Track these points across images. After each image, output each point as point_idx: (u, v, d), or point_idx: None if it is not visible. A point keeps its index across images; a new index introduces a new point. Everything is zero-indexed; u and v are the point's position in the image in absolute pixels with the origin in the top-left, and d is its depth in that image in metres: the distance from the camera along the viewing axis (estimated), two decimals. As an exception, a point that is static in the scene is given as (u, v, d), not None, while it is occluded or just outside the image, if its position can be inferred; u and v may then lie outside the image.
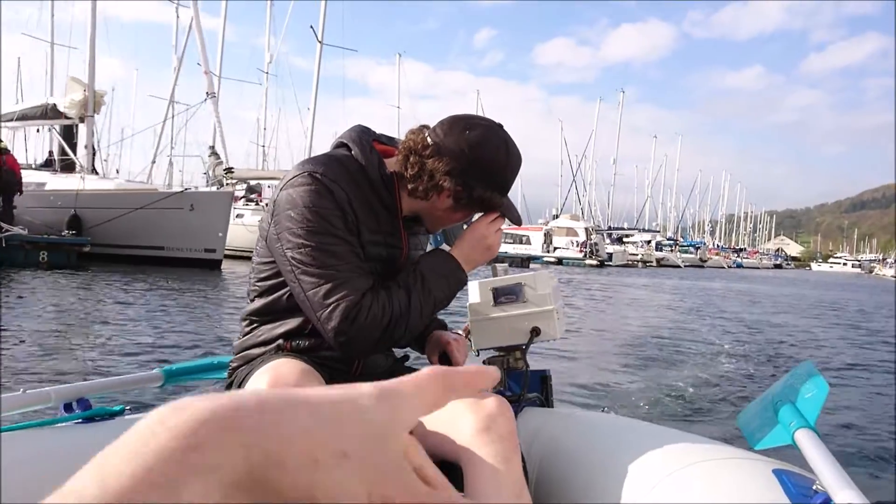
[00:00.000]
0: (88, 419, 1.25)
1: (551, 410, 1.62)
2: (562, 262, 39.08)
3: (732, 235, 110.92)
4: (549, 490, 1.28)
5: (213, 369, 1.63)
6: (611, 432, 1.34)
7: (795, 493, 0.91)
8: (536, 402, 1.65)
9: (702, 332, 8.81)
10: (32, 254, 13.76)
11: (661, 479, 1.05)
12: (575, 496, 1.22)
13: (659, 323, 9.73)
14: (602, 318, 10.48)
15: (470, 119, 1.29)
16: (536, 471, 1.33)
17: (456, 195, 1.27)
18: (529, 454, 1.32)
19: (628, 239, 55.00)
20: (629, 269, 40.88)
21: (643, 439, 1.22)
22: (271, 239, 1.23)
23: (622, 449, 1.21)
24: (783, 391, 1.12)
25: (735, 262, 70.55)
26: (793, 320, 11.58)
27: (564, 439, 1.37)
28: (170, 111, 21.98)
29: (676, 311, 12.10)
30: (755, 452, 1.09)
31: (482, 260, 1.37)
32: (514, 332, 1.56)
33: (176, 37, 29.27)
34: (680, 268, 48.92)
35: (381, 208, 1.29)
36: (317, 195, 1.18)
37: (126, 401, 1.85)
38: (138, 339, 5.69)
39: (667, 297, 16.04)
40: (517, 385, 1.61)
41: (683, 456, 1.09)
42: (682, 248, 63.33)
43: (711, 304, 14.51)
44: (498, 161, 1.28)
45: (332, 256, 1.17)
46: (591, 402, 4.25)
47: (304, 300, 1.19)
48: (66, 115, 18.50)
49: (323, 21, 27.40)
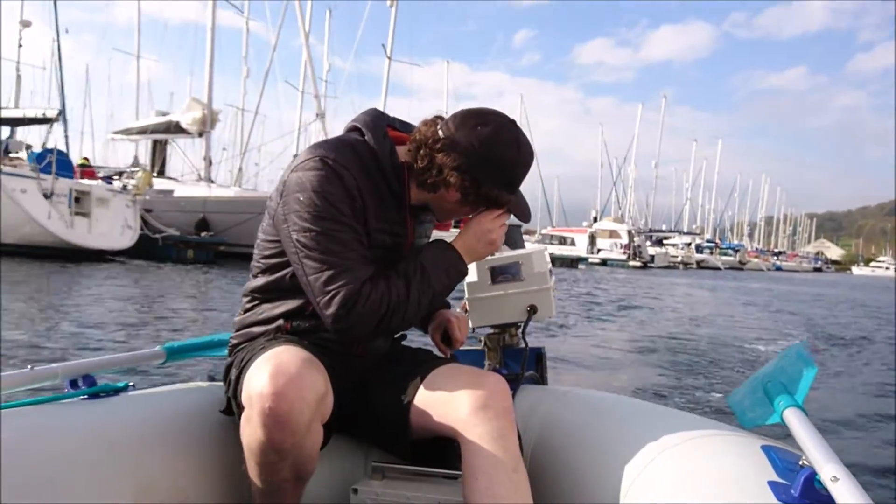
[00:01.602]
0: (94, 395, 1.25)
1: (547, 388, 1.62)
2: (606, 263, 40.72)
3: (771, 238, 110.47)
4: (544, 466, 1.31)
5: (214, 346, 1.65)
6: (606, 410, 1.36)
7: (782, 468, 0.94)
8: (531, 380, 1.67)
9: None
10: (183, 251, 16.62)
11: (654, 456, 1.08)
12: (570, 472, 1.26)
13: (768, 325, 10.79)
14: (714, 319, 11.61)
15: (483, 114, 1.26)
16: (532, 447, 1.36)
17: (464, 190, 1.25)
18: (525, 431, 1.35)
19: (668, 241, 56.28)
20: (671, 270, 42.29)
21: (637, 417, 1.28)
22: (278, 219, 1.22)
23: (616, 426, 1.25)
24: (773, 372, 1.14)
25: (774, 265, 70.88)
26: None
27: (560, 417, 1.39)
28: (255, 121, 25.06)
29: (757, 309, 13.75)
30: (745, 430, 1.13)
31: (484, 254, 1.36)
32: (512, 311, 1.59)
33: (246, 48, 32.08)
34: (720, 270, 49.98)
35: (390, 196, 1.28)
36: (326, 181, 1.18)
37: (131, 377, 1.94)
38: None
39: (735, 297, 17.95)
40: (513, 362, 1.65)
41: (676, 433, 1.12)
42: (722, 250, 64.11)
43: (789, 303, 15.95)
44: (508, 158, 1.26)
45: (337, 243, 1.18)
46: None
47: (306, 283, 1.20)
48: (187, 131, 21.47)
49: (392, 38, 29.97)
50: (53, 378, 1.24)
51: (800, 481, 0.86)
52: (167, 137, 22.70)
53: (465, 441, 1.15)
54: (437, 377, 1.24)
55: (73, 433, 1.10)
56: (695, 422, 1.20)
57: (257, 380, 1.06)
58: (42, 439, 1.05)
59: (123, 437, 1.16)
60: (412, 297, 1.23)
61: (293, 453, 1.09)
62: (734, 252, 65.06)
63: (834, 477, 0.80)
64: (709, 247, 61.51)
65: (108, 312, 7.27)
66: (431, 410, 1.21)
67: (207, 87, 21.17)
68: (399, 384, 1.28)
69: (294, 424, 1.05)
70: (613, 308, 11.95)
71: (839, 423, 4.18)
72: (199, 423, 1.29)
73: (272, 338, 1.25)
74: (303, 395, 1.05)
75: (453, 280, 1.31)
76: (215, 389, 1.40)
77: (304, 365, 1.08)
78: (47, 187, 14.02)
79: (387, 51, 29.96)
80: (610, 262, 41.51)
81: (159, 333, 5.99)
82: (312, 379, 1.07)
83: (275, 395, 1.03)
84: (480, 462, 1.12)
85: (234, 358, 1.29)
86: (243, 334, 1.32)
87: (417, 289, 1.24)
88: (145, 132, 22.65)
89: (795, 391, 1.04)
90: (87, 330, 5.98)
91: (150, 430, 1.21)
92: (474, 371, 1.25)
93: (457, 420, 1.16)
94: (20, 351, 4.78)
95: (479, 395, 1.16)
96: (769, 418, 1.03)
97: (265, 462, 1.10)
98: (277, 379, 1.04)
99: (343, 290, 1.16)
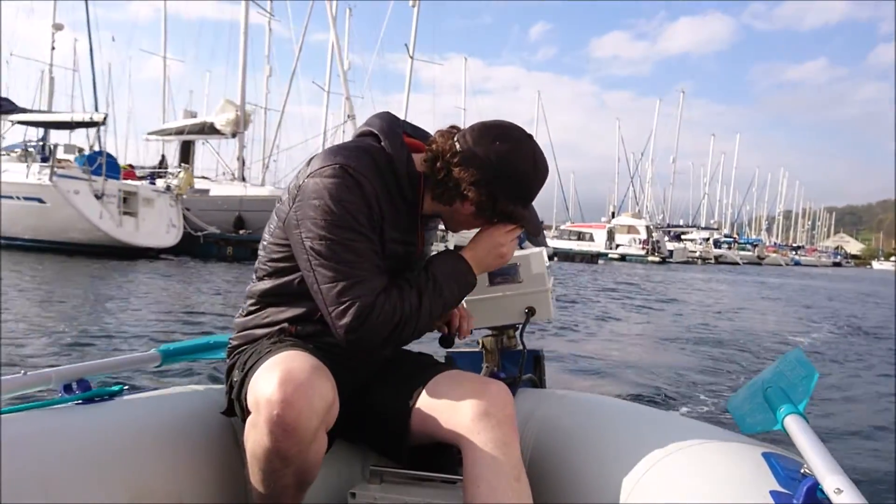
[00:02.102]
0: (88, 400, 1.23)
1: (545, 392, 1.60)
2: (625, 259, 41.09)
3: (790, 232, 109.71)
4: (542, 471, 1.29)
5: (210, 349, 1.62)
6: (605, 415, 1.34)
7: (784, 476, 0.93)
8: (529, 383, 1.65)
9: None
10: (223, 248, 17.35)
11: (654, 462, 1.07)
12: (568, 478, 1.24)
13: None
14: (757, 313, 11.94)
15: (500, 128, 1.26)
16: (530, 452, 1.34)
17: (480, 205, 1.24)
18: (523, 435, 1.33)
19: (686, 236, 56.37)
20: (689, 265, 42.37)
21: (636, 422, 1.26)
22: (290, 223, 1.21)
23: (616, 432, 1.23)
24: (773, 377, 1.13)
25: (793, 260, 70.42)
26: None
27: (558, 421, 1.38)
28: (281, 119, 25.88)
29: (784, 304, 14.07)
30: (745, 436, 1.12)
31: (494, 266, 1.35)
32: (509, 312, 1.59)
33: (269, 47, 32.70)
34: (739, 265, 49.95)
35: (403, 205, 1.27)
36: (346, 189, 1.16)
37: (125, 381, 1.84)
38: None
39: (760, 291, 18.32)
40: (510, 364, 1.65)
41: (676, 439, 1.10)
42: (740, 245, 63.99)
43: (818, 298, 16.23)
44: (525, 174, 1.25)
45: (352, 252, 1.16)
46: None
47: (317, 291, 1.18)
48: (221, 132, 22.21)
49: (414, 38, 30.48)
50: (47, 383, 1.22)
51: (802, 491, 0.85)
52: (202, 138, 23.47)
53: (466, 448, 1.15)
54: (440, 383, 1.25)
55: (67, 439, 1.09)
56: (695, 427, 1.20)
57: (265, 385, 1.05)
58: (35, 445, 1.03)
59: (118, 441, 1.14)
60: (424, 308, 1.22)
61: (298, 460, 1.08)
62: (752, 247, 64.85)
63: (838, 489, 0.79)
64: (727, 242, 61.44)
65: (205, 303, 7.98)
66: (433, 416, 1.22)
67: (240, 90, 21.90)
68: (401, 389, 1.29)
69: (302, 432, 1.04)
70: (642, 301, 12.44)
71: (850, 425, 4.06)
72: (196, 427, 1.28)
73: (276, 340, 1.24)
74: (312, 404, 1.04)
75: (463, 291, 1.31)
76: (212, 393, 1.41)
77: (313, 372, 1.07)
78: (98, 188, 14.80)
79: (410, 50, 30.58)
80: (629, 257, 41.83)
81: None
82: (322, 387, 1.07)
83: (283, 403, 1.02)
84: (482, 470, 1.13)
85: (237, 359, 1.29)
86: (245, 336, 1.31)
87: (430, 300, 1.23)
88: (182, 132, 23.43)
89: (796, 397, 1.03)
90: (193, 315, 6.58)
91: (145, 434, 1.19)
92: (477, 378, 1.27)
93: (459, 427, 1.17)
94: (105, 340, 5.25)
95: (481, 403, 1.17)
96: (770, 425, 1.02)
97: (269, 468, 1.10)
98: (287, 386, 1.03)
99: (358, 301, 1.15)
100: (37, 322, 5.87)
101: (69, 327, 5.65)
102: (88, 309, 7.05)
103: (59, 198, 14.34)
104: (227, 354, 1.35)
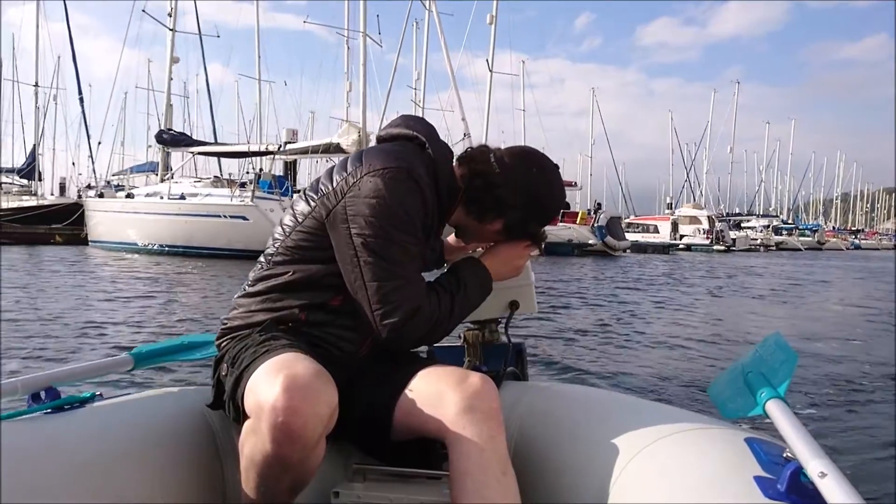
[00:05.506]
0: (58, 409, 1.17)
1: (528, 384, 1.60)
2: (690, 249, 42.36)
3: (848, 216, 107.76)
4: (526, 463, 1.28)
5: (185, 350, 1.57)
6: (588, 405, 1.35)
7: (767, 461, 0.93)
8: (512, 376, 1.66)
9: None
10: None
11: (637, 451, 1.07)
12: (552, 469, 1.23)
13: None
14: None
15: (536, 157, 1.37)
16: (514, 444, 1.33)
17: (512, 226, 1.34)
18: (507, 427, 1.29)
19: (745, 224, 57.16)
20: (752, 252, 43.20)
21: (619, 412, 1.26)
22: (337, 217, 1.21)
23: (599, 421, 1.23)
24: (753, 362, 1.13)
25: (853, 244, 69.59)
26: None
27: (541, 413, 1.37)
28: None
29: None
30: (727, 422, 1.12)
31: (508, 276, 1.43)
32: (493, 306, 1.56)
33: (347, 64, 35.87)
34: (800, 251, 50.53)
35: (436, 213, 1.33)
36: (409, 193, 1.20)
37: (98, 386, 1.78)
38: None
39: (849, 275, 19.34)
40: (492, 358, 1.65)
41: (659, 427, 1.11)
42: (800, 231, 63.98)
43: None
44: (554, 203, 1.38)
45: (406, 254, 1.20)
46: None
47: (362, 287, 1.20)
48: (346, 151, 25.68)
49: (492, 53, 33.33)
50: (13, 393, 1.17)
51: (786, 476, 0.85)
52: (326, 157, 27.00)
53: (452, 443, 1.13)
54: (422, 377, 1.23)
55: (35, 451, 1.02)
56: (677, 415, 1.20)
57: (268, 391, 1.02)
58: (4, 458, 0.95)
59: (91, 451, 1.08)
60: (455, 312, 1.30)
61: (298, 467, 1.06)
62: (811, 232, 64.55)
63: (822, 473, 0.79)
64: (787, 228, 61.83)
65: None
66: (416, 411, 1.19)
67: (362, 112, 25.29)
68: (382, 384, 1.28)
69: (306, 440, 1.02)
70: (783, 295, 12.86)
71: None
72: (174, 432, 1.23)
73: (267, 336, 1.20)
74: (317, 411, 1.01)
75: (483, 298, 1.39)
76: (189, 394, 1.37)
77: (318, 378, 1.04)
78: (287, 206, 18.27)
79: (489, 65, 33.61)
80: (694, 247, 42.92)
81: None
82: (326, 393, 1.04)
83: (289, 410, 0.99)
84: (468, 465, 1.11)
85: (226, 350, 1.27)
86: (244, 317, 1.30)
87: (460, 304, 1.31)
88: (306, 153, 27.01)
89: (777, 381, 1.03)
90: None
91: (119, 440, 1.14)
92: (460, 371, 1.23)
93: (444, 422, 1.14)
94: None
95: (466, 397, 1.14)
96: (751, 410, 1.02)
97: (267, 474, 1.07)
98: (293, 393, 1.00)
99: (408, 302, 1.21)
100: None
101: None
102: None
103: (260, 215, 17.91)
104: (217, 337, 1.34)
